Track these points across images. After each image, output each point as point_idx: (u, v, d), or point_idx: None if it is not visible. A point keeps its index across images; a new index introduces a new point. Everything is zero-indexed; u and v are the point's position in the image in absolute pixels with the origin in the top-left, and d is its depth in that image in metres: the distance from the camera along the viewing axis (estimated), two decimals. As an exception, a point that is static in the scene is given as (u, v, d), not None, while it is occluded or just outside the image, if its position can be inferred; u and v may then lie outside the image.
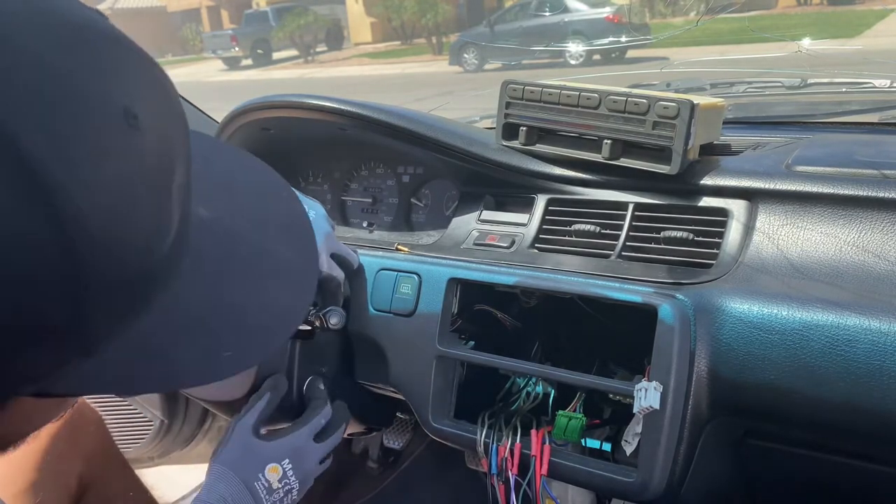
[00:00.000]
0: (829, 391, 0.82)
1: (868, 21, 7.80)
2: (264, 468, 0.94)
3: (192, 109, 1.67)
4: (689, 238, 0.98)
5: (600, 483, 0.95)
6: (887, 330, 0.79)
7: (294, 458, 0.97)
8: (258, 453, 0.96)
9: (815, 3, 14.25)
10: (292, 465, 0.96)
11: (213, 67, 22.73)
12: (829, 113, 1.53)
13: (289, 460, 0.96)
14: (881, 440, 0.84)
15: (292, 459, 0.97)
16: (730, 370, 0.87)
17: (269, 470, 0.94)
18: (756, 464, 1.01)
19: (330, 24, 23.98)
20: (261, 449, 0.96)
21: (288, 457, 0.96)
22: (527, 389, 1.10)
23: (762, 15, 8.82)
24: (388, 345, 1.12)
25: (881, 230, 0.88)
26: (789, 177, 0.96)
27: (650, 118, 0.98)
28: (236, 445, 0.96)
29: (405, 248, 1.18)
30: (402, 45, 21.31)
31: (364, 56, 20.91)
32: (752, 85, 1.73)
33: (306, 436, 1.00)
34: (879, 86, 1.56)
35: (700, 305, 0.90)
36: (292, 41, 22.52)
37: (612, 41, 9.11)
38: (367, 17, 23.86)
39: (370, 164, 1.42)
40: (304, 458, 0.98)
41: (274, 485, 0.93)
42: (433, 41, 19.28)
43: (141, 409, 2.12)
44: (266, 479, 0.93)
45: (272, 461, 0.95)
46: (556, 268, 1.03)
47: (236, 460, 0.94)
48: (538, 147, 1.12)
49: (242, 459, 0.95)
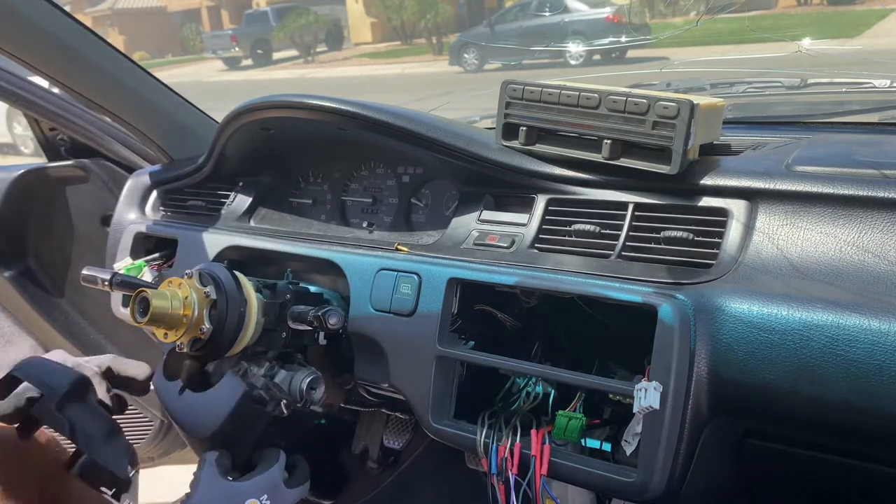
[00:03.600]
0: (829, 391, 0.82)
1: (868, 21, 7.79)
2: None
3: (192, 109, 1.68)
4: (689, 238, 0.98)
5: (600, 483, 0.95)
6: (887, 330, 0.79)
7: (271, 493, 0.96)
8: (234, 491, 0.94)
9: (815, 3, 14.24)
10: (270, 502, 0.95)
11: (213, 67, 22.72)
12: (828, 113, 1.53)
13: (267, 496, 0.95)
14: (881, 440, 0.84)
15: (270, 496, 0.95)
16: (730, 370, 0.88)
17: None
18: (756, 464, 1.01)
19: (330, 24, 23.97)
20: (235, 487, 0.95)
21: (266, 492, 0.95)
22: (527, 389, 1.10)
23: (762, 15, 8.81)
24: (388, 345, 1.12)
25: (881, 230, 0.88)
26: (789, 177, 0.96)
27: (650, 118, 0.98)
28: (208, 487, 0.94)
29: (405, 248, 1.18)
30: (402, 46, 21.30)
31: (364, 56, 20.91)
32: (752, 85, 1.73)
33: (278, 473, 0.99)
34: (879, 86, 1.56)
35: (700, 305, 0.90)
36: (292, 41, 22.52)
37: (612, 41, 9.11)
38: (367, 17, 23.85)
39: (370, 164, 1.42)
40: (281, 497, 0.97)
41: None
42: (433, 41, 19.29)
43: (141, 410, 2.12)
44: None
45: (250, 497, 0.94)
46: (556, 268, 1.03)
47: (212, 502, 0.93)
48: (538, 147, 1.12)
49: (218, 500, 0.93)
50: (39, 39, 1.33)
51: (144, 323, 0.96)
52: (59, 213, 2.01)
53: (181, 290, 0.99)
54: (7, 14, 1.25)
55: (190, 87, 2.62)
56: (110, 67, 1.47)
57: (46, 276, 2.04)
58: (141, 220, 1.59)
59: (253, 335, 1.05)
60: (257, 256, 1.35)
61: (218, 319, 1.00)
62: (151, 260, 1.52)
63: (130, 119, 1.59)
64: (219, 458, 0.99)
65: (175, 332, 0.99)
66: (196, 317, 0.99)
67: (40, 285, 2.03)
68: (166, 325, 0.98)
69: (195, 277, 1.01)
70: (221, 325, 1.01)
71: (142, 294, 0.96)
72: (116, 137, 1.89)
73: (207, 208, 1.53)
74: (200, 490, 0.94)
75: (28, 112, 1.87)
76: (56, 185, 1.99)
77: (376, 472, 1.74)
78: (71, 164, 1.98)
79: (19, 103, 1.80)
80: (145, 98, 1.57)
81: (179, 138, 1.65)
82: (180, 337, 0.99)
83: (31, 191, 1.96)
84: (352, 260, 1.19)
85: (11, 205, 1.93)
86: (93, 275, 1.22)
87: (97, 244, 1.88)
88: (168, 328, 0.98)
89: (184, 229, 1.47)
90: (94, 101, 1.51)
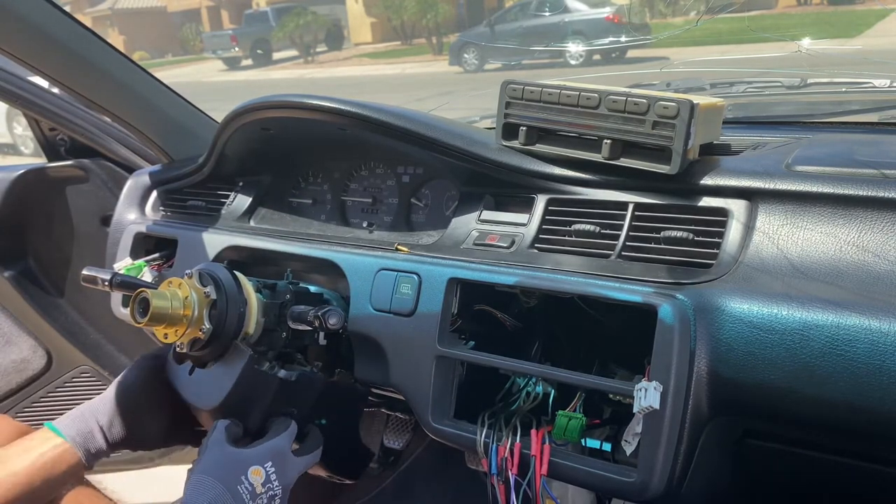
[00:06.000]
0: (829, 391, 0.82)
1: (868, 21, 7.78)
2: (247, 471, 0.92)
3: (192, 109, 1.68)
4: (689, 238, 0.98)
5: (600, 483, 0.95)
6: (887, 330, 0.79)
7: (276, 461, 0.95)
8: (238, 457, 0.93)
9: (815, 2, 14.23)
10: (275, 469, 0.94)
11: (213, 67, 22.72)
12: (828, 113, 1.53)
13: (271, 463, 0.94)
14: (881, 440, 0.84)
15: (275, 463, 0.94)
16: (730, 370, 0.88)
17: (252, 472, 0.92)
18: (756, 464, 1.01)
19: (330, 24, 23.97)
20: (240, 454, 0.94)
21: (270, 460, 0.94)
22: (527, 389, 1.10)
23: (762, 15, 8.81)
24: (388, 345, 1.12)
25: (881, 230, 0.87)
26: (789, 176, 0.96)
27: (650, 118, 0.98)
28: (213, 453, 0.94)
29: (405, 248, 1.18)
30: (403, 46, 21.31)
31: (364, 56, 20.91)
32: (752, 85, 1.73)
33: (286, 441, 0.98)
34: (879, 86, 1.56)
35: (700, 305, 0.90)
36: (292, 41, 22.52)
37: (612, 41, 9.10)
38: (367, 17, 23.86)
39: (370, 164, 1.42)
40: (286, 463, 0.96)
41: (258, 489, 0.91)
42: (433, 41, 19.29)
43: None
44: (249, 482, 0.91)
45: (254, 464, 0.93)
46: (556, 268, 1.03)
47: (216, 467, 0.92)
48: (538, 147, 1.12)
49: (222, 465, 0.92)
50: (39, 39, 1.33)
51: (144, 323, 0.96)
52: (59, 213, 2.01)
53: (181, 290, 0.99)
54: (7, 14, 1.25)
55: (190, 87, 2.62)
56: (110, 67, 1.47)
57: (46, 276, 2.04)
58: (141, 220, 1.59)
59: (253, 335, 1.05)
60: (257, 256, 1.35)
61: (218, 319, 1.00)
62: (151, 260, 1.52)
63: (130, 119, 1.59)
64: (229, 425, 0.99)
65: (175, 332, 0.99)
66: (196, 317, 0.99)
67: (40, 285, 2.03)
68: (166, 325, 0.98)
69: (195, 277, 1.01)
70: (221, 325, 1.01)
71: (142, 294, 0.96)
72: (116, 137, 1.89)
73: (207, 208, 1.53)
74: (206, 455, 0.94)
75: (28, 112, 1.87)
76: (56, 185, 1.99)
77: (376, 472, 1.74)
78: (71, 164, 1.98)
79: (19, 103, 1.80)
80: (145, 98, 1.57)
81: (179, 138, 1.65)
82: (180, 337, 0.99)
83: (31, 191, 1.96)
84: (352, 260, 1.19)
85: (11, 205, 1.94)
86: (93, 275, 1.22)
87: (97, 244, 1.87)
88: (168, 328, 0.98)
89: (184, 229, 1.47)
90: (94, 101, 1.51)
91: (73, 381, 2.07)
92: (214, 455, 0.94)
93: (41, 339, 2.02)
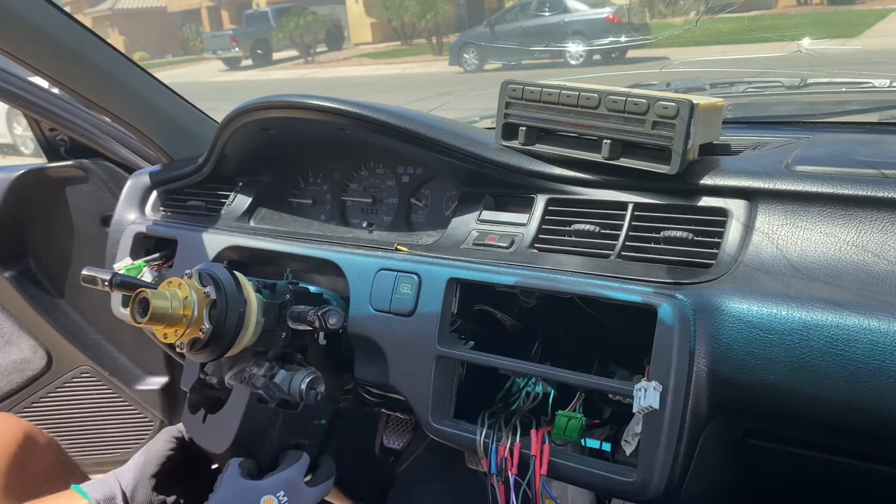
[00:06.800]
0: (829, 391, 0.82)
1: (868, 21, 7.78)
2: (259, 501, 0.95)
3: (192, 109, 1.68)
4: (689, 238, 0.98)
5: (600, 483, 0.95)
6: (887, 330, 0.79)
7: (289, 491, 0.98)
8: (251, 488, 0.97)
9: (814, 2, 14.23)
10: (288, 500, 0.97)
11: (213, 68, 22.72)
12: (828, 113, 1.53)
13: (284, 492, 0.97)
14: (881, 439, 0.84)
15: (287, 493, 0.97)
16: (730, 370, 0.88)
17: (265, 502, 0.95)
18: (756, 464, 1.01)
19: (330, 24, 23.98)
20: (253, 485, 0.97)
21: (283, 489, 0.97)
22: (527, 389, 1.10)
23: (762, 15, 8.81)
24: (388, 345, 1.12)
25: (881, 230, 0.87)
26: (789, 176, 0.96)
27: (650, 118, 0.98)
28: (227, 487, 0.97)
29: (405, 248, 1.18)
30: (403, 46, 21.30)
31: (364, 56, 20.91)
32: (752, 85, 1.73)
33: (298, 472, 1.02)
34: (879, 86, 1.56)
35: (700, 305, 0.90)
36: (292, 41, 22.52)
37: (612, 41, 9.09)
38: (367, 18, 23.86)
39: (370, 164, 1.42)
40: (299, 494, 0.99)
41: None
42: (433, 41, 19.29)
43: (141, 410, 2.12)
44: None
45: (266, 493, 0.96)
46: (556, 268, 1.03)
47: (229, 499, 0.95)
48: (538, 147, 1.12)
49: (235, 496, 0.95)
50: (39, 40, 1.33)
51: (144, 323, 0.96)
52: (58, 213, 2.01)
53: (181, 290, 0.99)
54: (7, 14, 1.25)
55: (190, 88, 2.62)
56: (110, 68, 1.47)
57: (46, 276, 2.04)
58: (141, 220, 1.59)
59: (253, 335, 1.05)
60: (257, 256, 1.35)
61: (218, 319, 1.00)
62: (151, 260, 1.52)
63: (130, 119, 1.59)
64: (242, 462, 1.03)
65: (175, 333, 0.99)
66: (196, 317, 0.99)
67: (40, 285, 2.03)
68: (166, 325, 0.98)
69: (195, 277, 1.01)
70: (221, 324, 1.01)
71: (141, 294, 0.96)
72: (116, 137, 1.89)
73: (207, 208, 1.53)
74: (220, 489, 0.98)
75: (28, 112, 1.87)
76: (56, 186, 1.99)
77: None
78: (71, 164, 1.98)
79: (19, 103, 1.80)
80: (145, 98, 1.57)
81: (179, 138, 1.65)
82: (180, 337, 0.99)
83: (31, 191, 1.96)
84: (351, 260, 1.19)
85: (11, 205, 1.94)
86: (93, 275, 1.22)
87: (97, 244, 1.88)
88: (168, 328, 0.98)
89: (184, 229, 1.47)
90: (94, 101, 1.51)
91: (73, 381, 2.07)
92: (228, 488, 0.97)
93: (41, 339, 2.02)
